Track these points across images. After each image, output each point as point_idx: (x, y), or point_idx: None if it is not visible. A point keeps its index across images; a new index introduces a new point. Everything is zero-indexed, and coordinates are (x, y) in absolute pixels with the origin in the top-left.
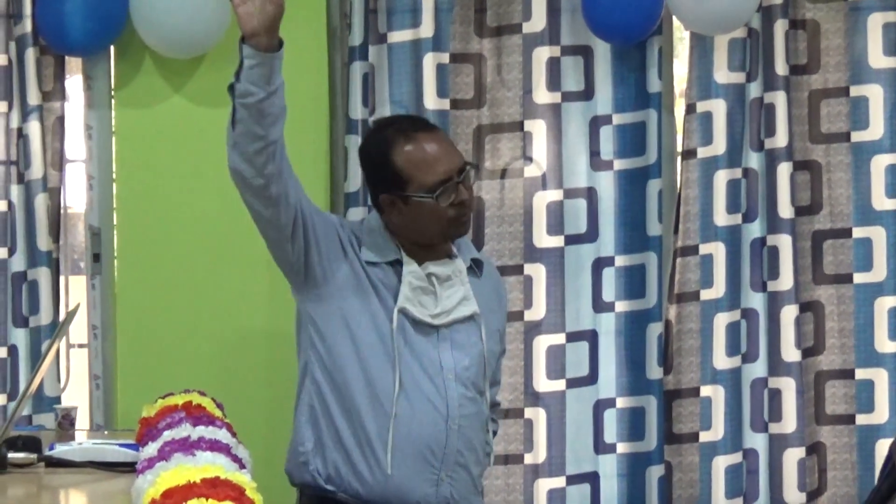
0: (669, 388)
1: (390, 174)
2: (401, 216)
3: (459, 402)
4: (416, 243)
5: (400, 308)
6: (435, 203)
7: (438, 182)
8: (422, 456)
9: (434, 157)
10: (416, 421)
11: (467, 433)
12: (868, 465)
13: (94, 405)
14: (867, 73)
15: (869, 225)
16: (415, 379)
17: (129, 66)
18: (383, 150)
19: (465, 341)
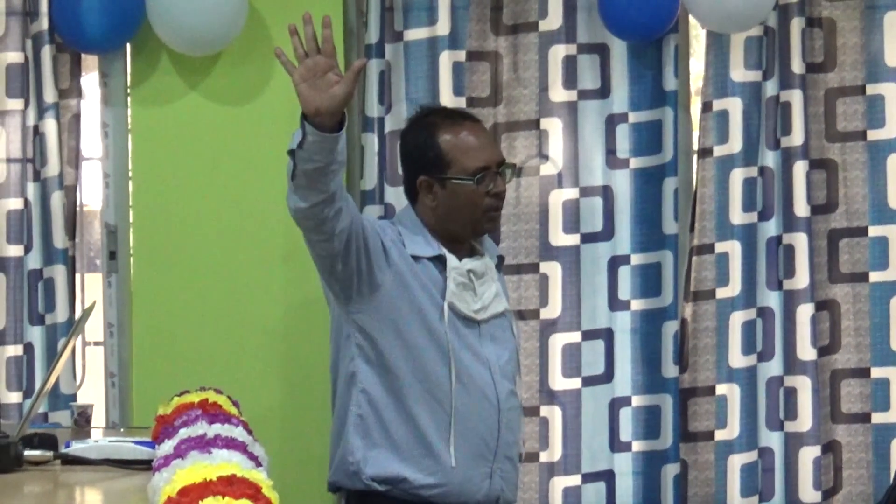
0: (685, 387)
1: (433, 156)
2: (436, 201)
3: (506, 395)
4: (447, 234)
5: (449, 303)
6: (474, 188)
7: (480, 168)
8: (479, 450)
9: (478, 144)
10: (474, 414)
11: (513, 426)
12: (883, 464)
13: (110, 403)
14: (883, 71)
15: (885, 224)
16: (469, 372)
17: (146, 64)
18: (429, 132)
19: (501, 336)
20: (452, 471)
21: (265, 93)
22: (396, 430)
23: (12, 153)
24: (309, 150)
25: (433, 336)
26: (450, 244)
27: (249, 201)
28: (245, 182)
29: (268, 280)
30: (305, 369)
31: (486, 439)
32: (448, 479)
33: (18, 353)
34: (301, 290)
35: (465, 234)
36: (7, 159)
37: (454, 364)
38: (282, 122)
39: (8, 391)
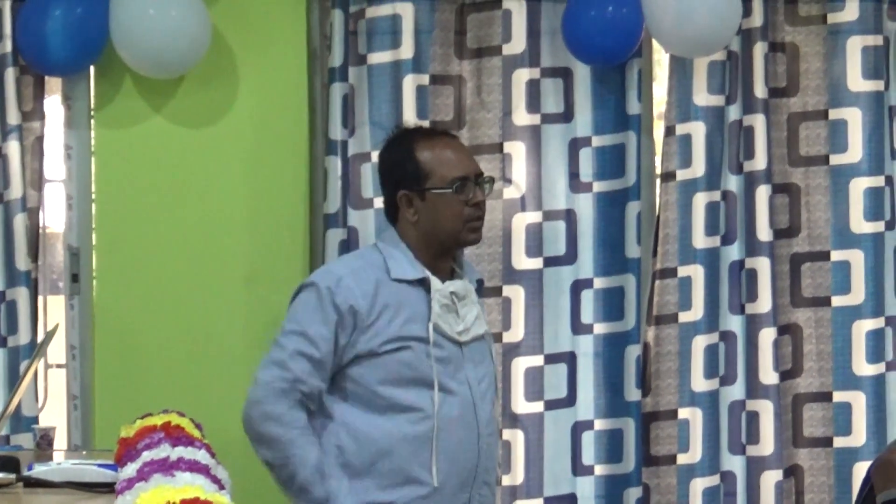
0: (647, 411)
1: (411, 170)
2: (417, 214)
3: (486, 419)
4: (430, 250)
5: (434, 324)
6: (453, 197)
7: (457, 177)
8: (460, 474)
9: (455, 156)
10: (456, 438)
11: (492, 451)
12: (845, 489)
13: (73, 425)
14: (846, 96)
15: (847, 248)
16: (451, 396)
17: (109, 86)
18: (406, 148)
19: (480, 359)
20: (434, 493)
21: (228, 115)
22: (377, 459)
23: None
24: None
25: (417, 361)
26: (433, 265)
27: (212, 224)
28: (208, 205)
29: (230, 302)
30: None
31: (466, 464)
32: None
33: None
34: (263, 312)
35: (447, 246)
36: None
37: (437, 388)
38: (245, 145)
39: None
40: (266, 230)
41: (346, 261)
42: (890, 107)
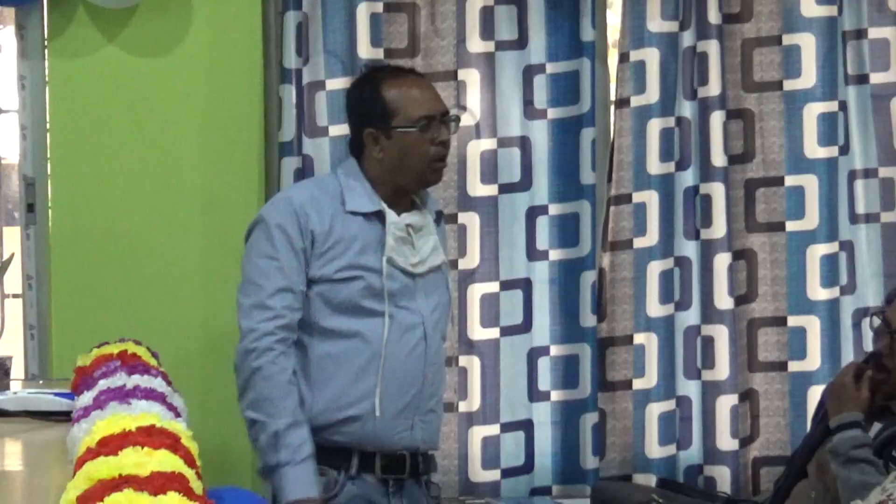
0: (603, 336)
1: (378, 108)
2: (382, 152)
3: (435, 348)
4: (393, 188)
5: (388, 258)
6: (418, 136)
7: (423, 116)
8: (403, 402)
9: (421, 95)
10: (402, 367)
11: (437, 379)
12: (800, 412)
13: (30, 355)
14: (799, 21)
15: (801, 173)
16: (401, 326)
17: (63, 17)
18: (374, 86)
19: (434, 290)
20: (376, 420)
21: (182, 45)
22: (329, 382)
23: None
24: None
25: (368, 291)
26: (392, 198)
27: (168, 152)
28: (163, 134)
29: (186, 231)
30: (224, 321)
31: (411, 392)
32: (371, 429)
33: None
34: (220, 241)
35: (410, 184)
36: None
37: (388, 317)
38: (199, 74)
39: None
40: (221, 159)
41: (304, 187)
42: (843, 32)
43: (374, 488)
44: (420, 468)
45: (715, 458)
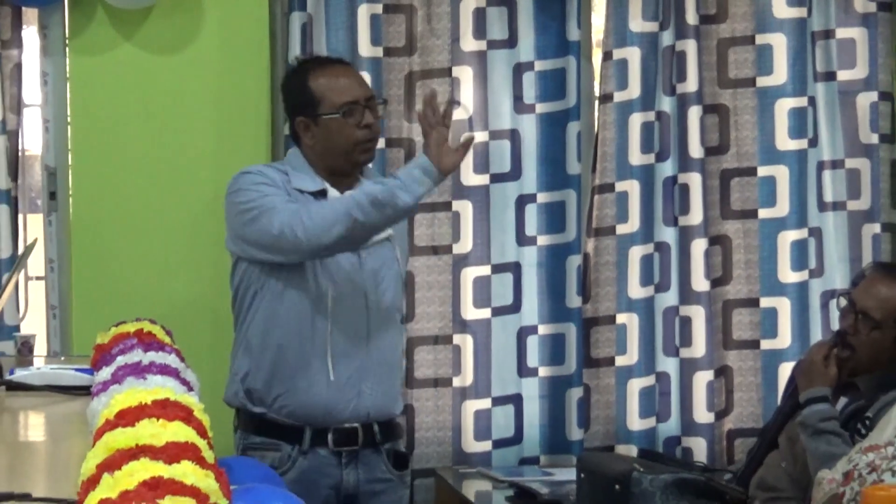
0: (588, 316)
1: (306, 97)
2: (314, 139)
3: (379, 318)
4: (330, 169)
5: None
6: (343, 121)
7: (346, 102)
8: (350, 369)
9: (343, 82)
10: (347, 339)
11: (389, 347)
12: (771, 387)
13: (52, 333)
14: (771, 22)
15: (773, 164)
16: (344, 300)
17: (83, 17)
18: (301, 77)
19: (382, 263)
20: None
21: (195, 43)
22: (278, 354)
23: None
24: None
25: (314, 268)
26: (331, 179)
27: (181, 144)
28: (177, 126)
29: (198, 217)
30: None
31: (359, 359)
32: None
33: None
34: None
35: (343, 166)
36: None
37: (331, 292)
38: (210, 70)
39: None
40: (231, 149)
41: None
42: (812, 32)
43: (327, 461)
44: (377, 438)
45: (692, 430)
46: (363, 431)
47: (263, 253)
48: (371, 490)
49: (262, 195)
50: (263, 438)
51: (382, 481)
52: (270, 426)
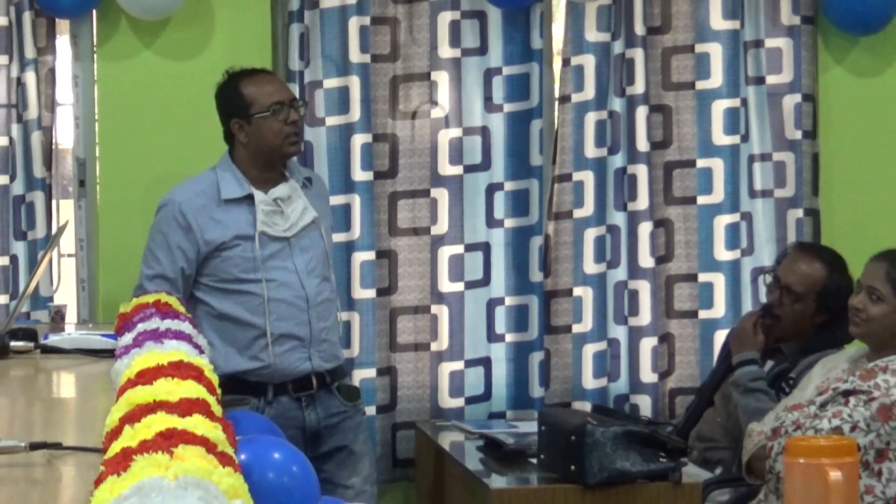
0: (548, 289)
1: (239, 102)
2: (247, 137)
3: (316, 291)
4: (260, 167)
5: (260, 231)
6: (272, 118)
7: (274, 102)
8: (294, 342)
9: (271, 87)
10: (287, 315)
11: (326, 314)
12: (708, 352)
13: (81, 303)
14: (709, 33)
15: (709, 157)
16: (281, 281)
17: (109, 27)
18: (233, 85)
19: (310, 244)
20: (275, 359)
21: (206, 50)
22: (232, 335)
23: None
24: None
25: (252, 261)
26: (262, 176)
27: (193, 138)
28: (190, 123)
29: None
30: None
31: (301, 332)
32: (272, 366)
33: (5, 263)
34: None
35: (274, 158)
36: None
37: (265, 280)
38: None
39: None
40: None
41: (185, 187)
42: (744, 42)
43: (290, 406)
44: (327, 380)
45: (639, 389)
46: (316, 378)
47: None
48: (330, 423)
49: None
50: (233, 395)
51: (338, 414)
52: (237, 384)
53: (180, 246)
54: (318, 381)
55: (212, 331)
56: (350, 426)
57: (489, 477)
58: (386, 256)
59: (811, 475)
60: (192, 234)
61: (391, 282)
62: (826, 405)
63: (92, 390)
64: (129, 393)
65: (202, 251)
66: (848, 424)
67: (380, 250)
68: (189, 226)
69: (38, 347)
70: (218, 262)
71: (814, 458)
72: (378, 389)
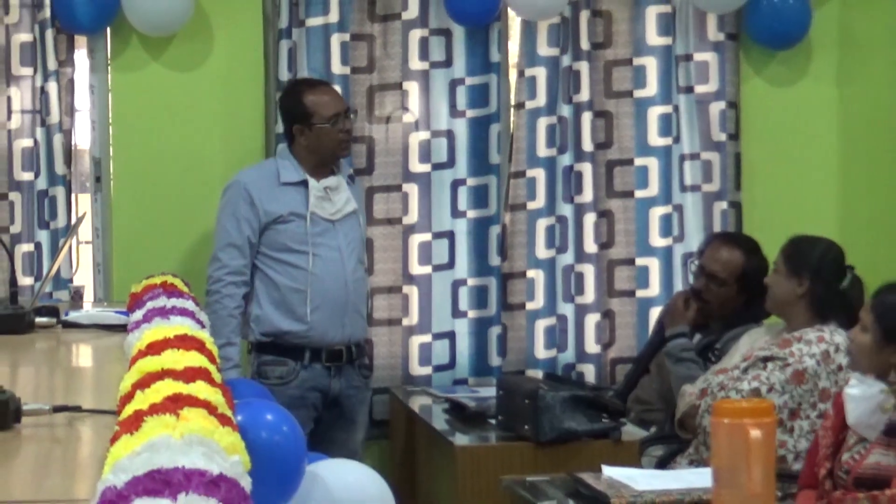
0: (505, 272)
1: (301, 110)
2: (308, 141)
3: (353, 269)
4: (315, 163)
5: (311, 211)
6: (330, 128)
7: (333, 115)
8: (333, 309)
9: (330, 99)
10: (328, 285)
11: (359, 290)
12: (644, 326)
13: (97, 284)
14: (645, 48)
15: (646, 156)
16: (324, 256)
17: (121, 42)
18: (296, 94)
19: (350, 229)
20: (313, 323)
21: (206, 63)
22: (278, 299)
23: (25, 106)
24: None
25: (303, 235)
26: (315, 169)
27: (195, 139)
28: (192, 126)
29: (206, 197)
30: None
31: (338, 302)
32: (311, 329)
33: (31, 250)
34: None
35: (329, 159)
36: (21, 111)
37: (313, 251)
38: (217, 84)
39: (23, 276)
40: (235, 145)
41: (249, 171)
42: (676, 56)
43: (321, 373)
44: (354, 356)
45: (584, 359)
46: (346, 351)
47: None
48: (348, 394)
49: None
50: (275, 356)
51: (356, 387)
52: (279, 348)
53: (246, 217)
54: (347, 354)
55: (264, 295)
56: (360, 399)
57: (454, 436)
58: (364, 244)
59: (735, 433)
60: (254, 207)
61: (368, 265)
62: (748, 370)
63: (107, 360)
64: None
65: (262, 221)
66: (765, 386)
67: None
68: (252, 200)
69: (60, 323)
70: (274, 234)
71: (737, 418)
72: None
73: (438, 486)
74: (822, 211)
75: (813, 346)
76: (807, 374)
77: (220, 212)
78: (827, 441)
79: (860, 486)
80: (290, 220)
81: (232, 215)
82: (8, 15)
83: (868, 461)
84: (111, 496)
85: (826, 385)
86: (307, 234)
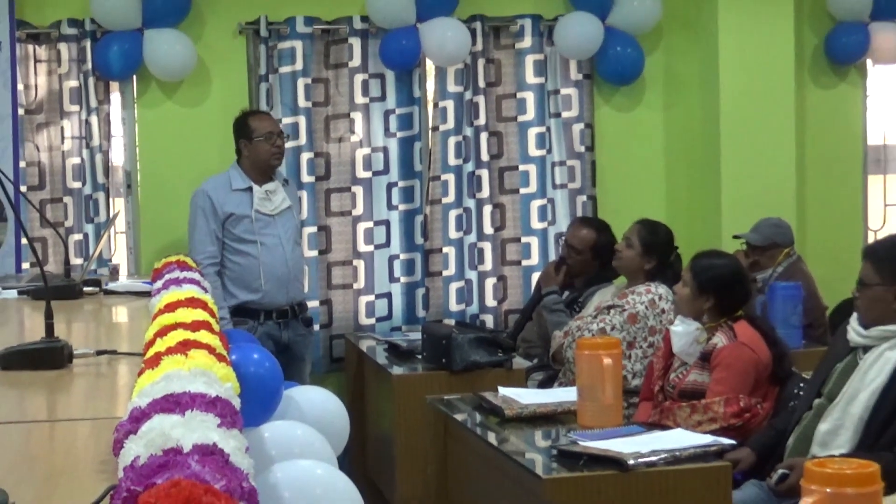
0: (427, 249)
1: (245, 129)
2: (248, 153)
3: (291, 250)
4: (257, 172)
5: (255, 210)
6: (265, 142)
7: (268, 132)
8: (277, 280)
9: (266, 122)
10: (273, 263)
11: (297, 265)
12: (527, 287)
13: (129, 263)
14: (525, 85)
15: (527, 164)
16: (269, 244)
17: (144, 85)
18: (244, 118)
19: (287, 220)
20: (264, 293)
21: (207, 100)
22: (240, 277)
23: (74, 134)
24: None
25: (250, 230)
26: (258, 177)
27: (200, 159)
28: (197, 148)
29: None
30: None
31: (281, 275)
32: (264, 297)
33: (80, 238)
34: None
35: (266, 169)
36: (71, 137)
37: (259, 242)
38: (215, 118)
39: (74, 258)
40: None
41: (209, 181)
42: (548, 91)
43: (273, 328)
44: (297, 312)
45: (485, 311)
46: (290, 309)
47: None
48: (295, 340)
49: (197, 226)
50: (239, 318)
51: (301, 335)
52: (242, 312)
53: (211, 215)
54: (291, 312)
55: (229, 275)
56: (305, 343)
57: (392, 368)
58: (324, 230)
59: (592, 361)
60: (214, 208)
61: (327, 245)
62: (597, 316)
63: (136, 317)
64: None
65: (220, 218)
66: (609, 326)
67: (320, 226)
68: (212, 203)
69: (102, 291)
70: (230, 228)
71: (594, 350)
72: (321, 314)
73: (381, 405)
74: (653, 201)
75: (643, 296)
76: (638, 316)
77: (192, 213)
78: (659, 365)
79: (683, 397)
80: (241, 217)
81: (202, 214)
82: (60, 67)
83: (688, 379)
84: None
85: (653, 324)
86: (254, 227)
